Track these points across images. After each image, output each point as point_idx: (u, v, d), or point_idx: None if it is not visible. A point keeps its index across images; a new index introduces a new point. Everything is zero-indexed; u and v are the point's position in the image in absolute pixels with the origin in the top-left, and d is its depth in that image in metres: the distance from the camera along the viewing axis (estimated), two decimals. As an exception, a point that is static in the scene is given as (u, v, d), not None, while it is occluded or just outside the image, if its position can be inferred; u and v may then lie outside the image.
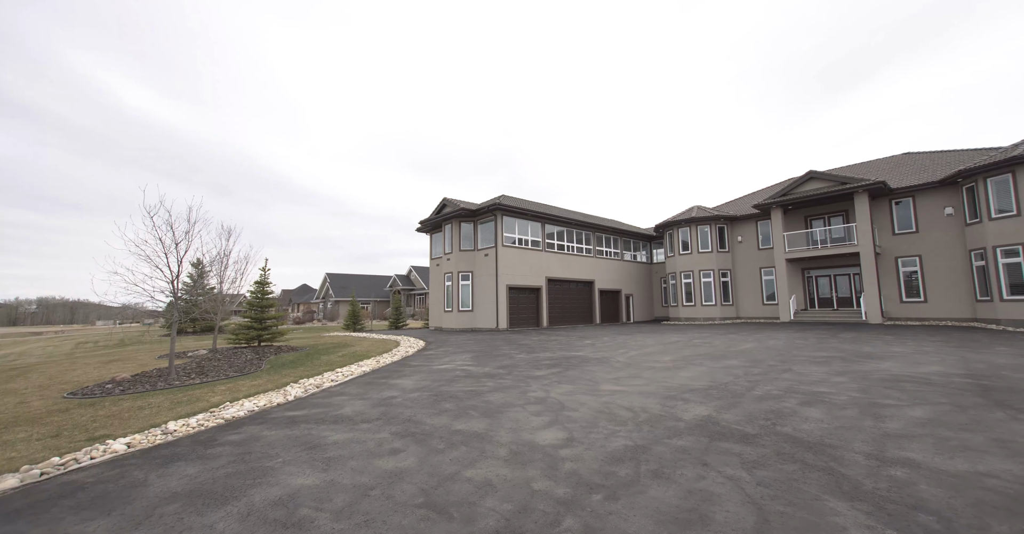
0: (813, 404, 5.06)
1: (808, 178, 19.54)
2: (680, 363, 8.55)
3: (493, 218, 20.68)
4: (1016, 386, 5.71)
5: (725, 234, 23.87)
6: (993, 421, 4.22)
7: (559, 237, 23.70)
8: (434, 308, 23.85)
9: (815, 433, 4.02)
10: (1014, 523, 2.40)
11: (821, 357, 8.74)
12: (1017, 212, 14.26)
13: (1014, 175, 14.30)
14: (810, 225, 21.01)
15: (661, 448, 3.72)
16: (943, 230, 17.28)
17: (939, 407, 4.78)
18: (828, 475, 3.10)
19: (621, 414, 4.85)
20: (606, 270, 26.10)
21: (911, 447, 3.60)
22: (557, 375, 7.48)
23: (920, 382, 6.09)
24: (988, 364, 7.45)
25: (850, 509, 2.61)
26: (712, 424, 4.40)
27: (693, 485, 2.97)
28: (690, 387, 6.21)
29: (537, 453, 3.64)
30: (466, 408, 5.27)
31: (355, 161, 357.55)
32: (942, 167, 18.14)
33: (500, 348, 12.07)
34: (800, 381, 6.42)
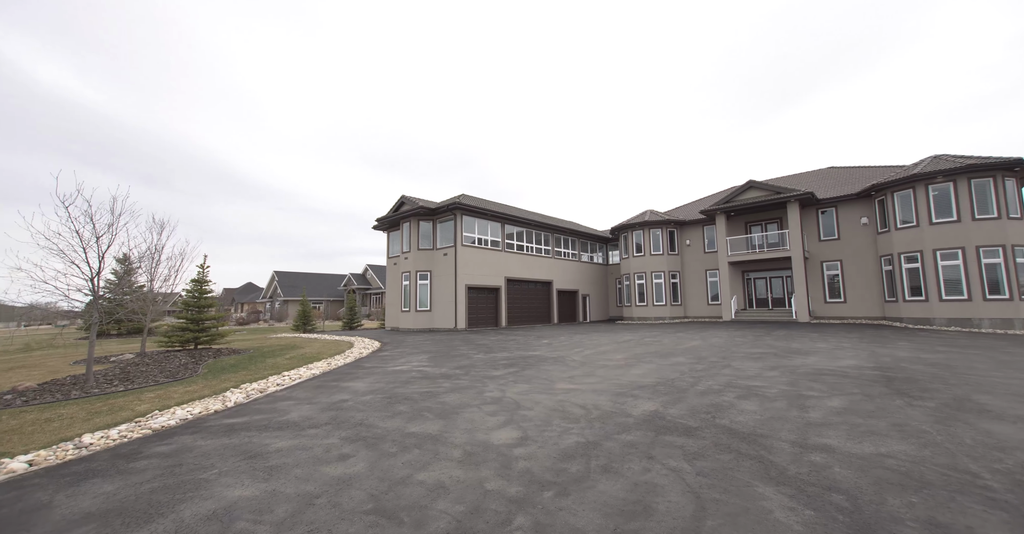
0: (748, 397, 5.46)
1: (748, 187, 21.05)
2: (631, 361, 8.91)
3: (453, 217, 20.48)
4: (912, 376, 6.49)
5: (675, 238, 25.16)
6: (894, 408, 4.78)
7: (519, 237, 23.90)
8: (391, 308, 23.24)
9: (749, 424, 4.34)
10: (904, 496, 2.73)
11: (757, 353, 9.44)
12: (916, 223, 16.19)
13: (914, 191, 16.23)
14: (750, 231, 22.64)
15: (611, 444, 3.87)
16: (860, 238, 19.26)
17: (852, 397, 5.32)
18: (759, 463, 3.36)
19: (574, 412, 4.98)
20: (564, 271, 26.65)
21: (828, 434, 3.98)
22: (514, 375, 7.55)
23: (838, 375, 6.76)
24: (892, 357, 8.41)
25: (776, 493, 2.85)
26: (659, 419, 4.62)
27: (639, 478, 3.11)
28: (640, 384, 6.49)
29: (491, 453, 3.65)
30: (421, 410, 5.18)
31: (309, 154, 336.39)
32: (860, 181, 20.21)
33: (458, 348, 11.98)
34: (738, 376, 6.90)
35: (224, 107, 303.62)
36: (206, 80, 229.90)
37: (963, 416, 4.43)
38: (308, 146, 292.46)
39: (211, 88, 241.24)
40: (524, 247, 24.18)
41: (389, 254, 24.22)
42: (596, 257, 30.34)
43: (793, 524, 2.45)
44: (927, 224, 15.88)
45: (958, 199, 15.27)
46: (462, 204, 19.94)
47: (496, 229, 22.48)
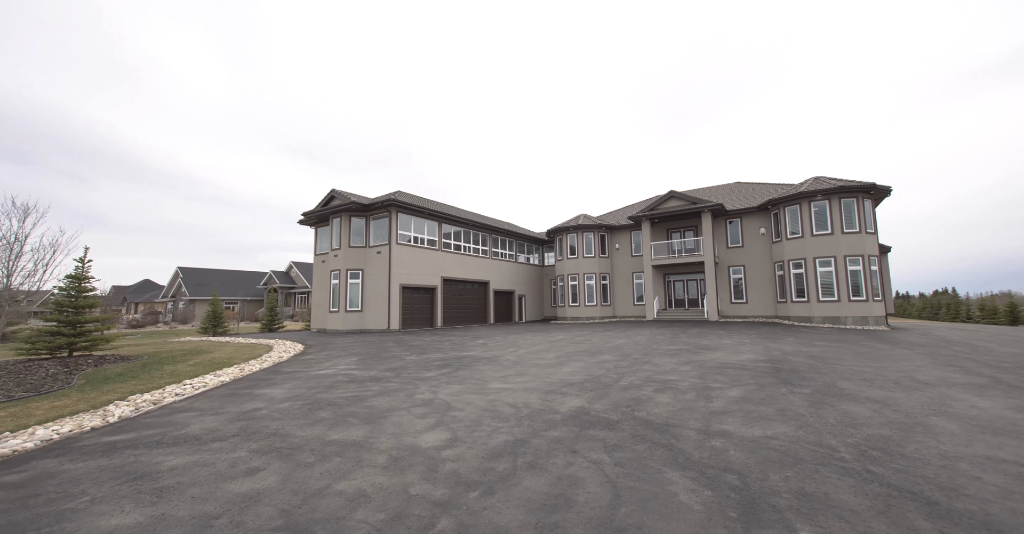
0: (664, 391, 5.94)
1: (669, 197, 22.91)
2: (563, 359, 9.24)
3: (387, 214, 19.72)
4: (795, 368, 7.51)
5: (606, 241, 26.58)
6: (779, 395, 5.50)
7: (456, 237, 23.67)
8: (318, 308, 21.76)
9: (663, 415, 4.73)
10: (782, 472, 3.16)
11: (673, 350, 10.30)
12: (802, 234, 18.79)
13: (800, 207, 18.83)
14: (671, 237, 24.66)
15: (538, 440, 3.98)
16: (759, 246, 21.86)
17: (748, 387, 6.03)
18: (669, 451, 3.67)
19: (505, 411, 5.05)
20: (501, 271, 26.90)
21: (727, 421, 4.47)
22: (447, 376, 7.46)
23: (738, 368, 7.61)
24: (781, 352, 9.66)
25: (682, 477, 3.14)
26: (584, 414, 4.86)
27: (563, 472, 3.25)
28: (569, 381, 6.77)
29: (418, 457, 3.58)
30: (345, 416, 4.92)
31: (224, 138, 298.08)
32: (760, 196, 22.95)
33: (390, 350, 11.56)
34: (656, 371, 7.48)
35: (113, 76, 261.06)
36: (91, 40, 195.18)
37: (829, 400, 5.22)
38: (221, 129, 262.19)
39: (97, 54, 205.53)
40: (462, 247, 24.00)
41: (317, 251, 22.66)
42: (532, 258, 31.04)
43: (694, 504, 2.72)
44: (809, 235, 18.49)
45: (832, 215, 17.99)
46: (398, 201, 19.28)
47: (433, 228, 22.05)
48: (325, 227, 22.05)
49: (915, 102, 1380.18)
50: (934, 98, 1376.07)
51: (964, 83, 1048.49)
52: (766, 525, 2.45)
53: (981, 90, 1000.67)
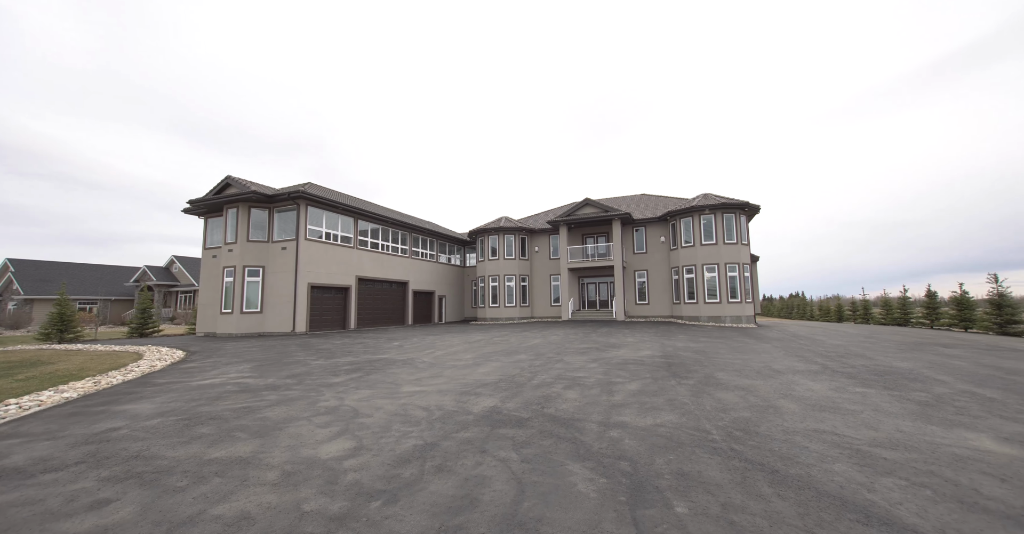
0: (572, 387, 6.30)
1: (585, 204, 24.40)
2: (480, 360, 9.30)
3: (295, 207, 18.06)
4: (684, 362, 8.49)
5: (526, 244, 27.38)
6: (669, 387, 6.16)
7: (374, 235, 22.53)
8: (207, 309, 19.10)
9: (570, 411, 5.01)
10: (666, 456, 3.55)
11: (584, 348, 10.97)
12: (693, 244, 21.34)
13: (692, 219, 21.39)
14: (585, 241, 26.26)
15: (449, 443, 3.96)
16: (660, 253, 24.29)
17: (644, 381, 6.66)
18: (572, 444, 3.90)
19: (417, 414, 4.93)
20: (421, 271, 26.22)
21: (625, 413, 4.89)
22: (357, 381, 7.06)
23: (638, 363, 8.36)
24: (673, 348, 10.84)
25: (582, 468, 3.35)
26: (496, 414, 4.94)
27: (470, 472, 3.27)
28: (484, 382, 6.83)
29: (316, 469, 3.33)
30: (232, 430, 4.39)
31: (79, 102, 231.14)
32: (661, 207, 25.54)
33: (294, 354, 10.58)
34: (567, 369, 7.89)
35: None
36: None
37: (708, 389, 5.99)
38: (78, 90, 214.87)
39: None
40: (380, 245, 22.91)
41: (207, 245, 19.91)
42: (454, 259, 30.76)
43: (590, 492, 2.92)
44: (699, 245, 21.06)
45: (716, 227, 20.72)
46: (308, 193, 17.76)
47: (348, 224, 20.72)
48: (218, 218, 19.47)
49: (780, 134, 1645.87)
50: (797, 130, 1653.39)
51: (832, 117, 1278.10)
52: (649, 505, 2.73)
53: (846, 124, 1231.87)
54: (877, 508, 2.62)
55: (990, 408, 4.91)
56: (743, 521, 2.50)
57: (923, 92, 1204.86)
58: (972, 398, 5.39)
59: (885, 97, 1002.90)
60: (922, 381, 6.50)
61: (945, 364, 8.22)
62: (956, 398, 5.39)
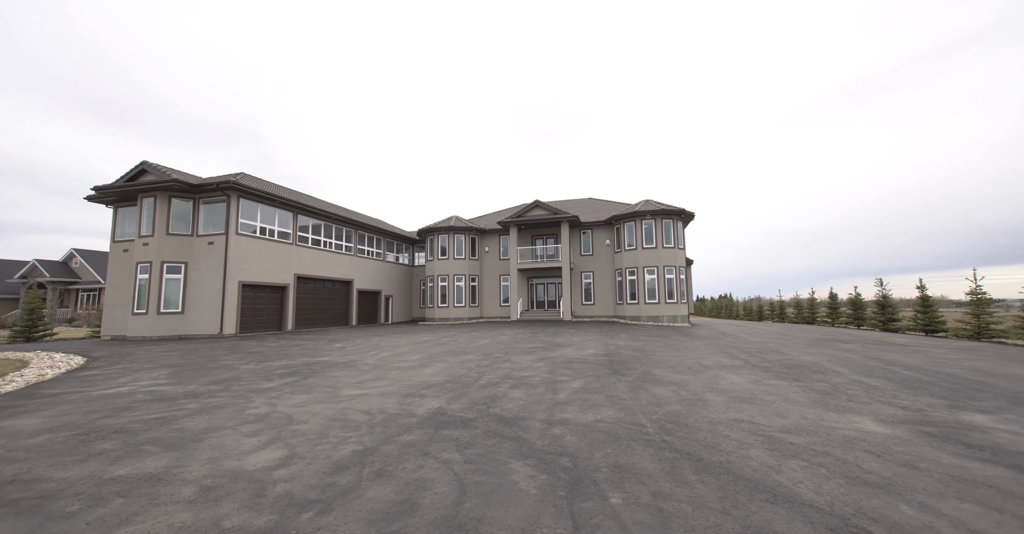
0: (519, 386, 6.38)
1: (535, 206, 24.84)
2: (426, 361, 9.13)
3: (225, 199, 16.62)
4: (624, 360, 8.92)
5: (476, 244, 27.31)
6: (610, 384, 6.45)
7: (315, 231, 21.32)
8: (115, 309, 16.98)
9: (515, 410, 5.07)
10: (604, 450, 3.72)
11: (531, 348, 11.15)
12: (635, 247, 22.51)
13: (635, 223, 22.57)
14: (535, 243, 26.72)
15: (390, 447, 3.85)
16: (605, 255, 25.34)
17: (588, 378, 6.91)
18: (516, 442, 3.96)
19: (357, 418, 4.75)
20: (367, 270, 25.22)
21: (568, 410, 5.04)
22: (292, 385, 6.64)
23: (582, 362, 8.66)
24: (616, 346, 11.36)
25: (524, 466, 3.41)
26: (441, 415, 4.88)
27: (411, 476, 3.21)
28: (430, 383, 6.72)
29: (241, 482, 3.10)
30: (141, 444, 3.95)
31: None
32: (607, 211, 26.66)
33: (220, 358, 9.72)
34: (514, 368, 7.98)
35: None
36: None
37: (645, 385, 6.35)
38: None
39: None
40: (322, 242, 21.73)
41: (116, 237, 17.73)
42: (402, 258, 29.94)
43: (531, 489, 2.99)
44: (641, 248, 22.24)
45: (656, 232, 22.01)
46: (240, 184, 16.41)
47: (286, 218, 19.44)
48: (131, 208, 17.43)
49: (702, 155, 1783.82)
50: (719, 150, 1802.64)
51: (768, 132, 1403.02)
52: (587, 498, 2.85)
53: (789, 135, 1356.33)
54: (783, 488, 2.93)
55: (873, 395, 5.68)
56: (670, 507, 2.69)
57: (843, 114, 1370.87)
58: (860, 387, 6.19)
59: (806, 119, 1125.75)
60: (823, 373, 7.36)
61: (842, 357, 9.37)
62: (848, 387, 6.17)
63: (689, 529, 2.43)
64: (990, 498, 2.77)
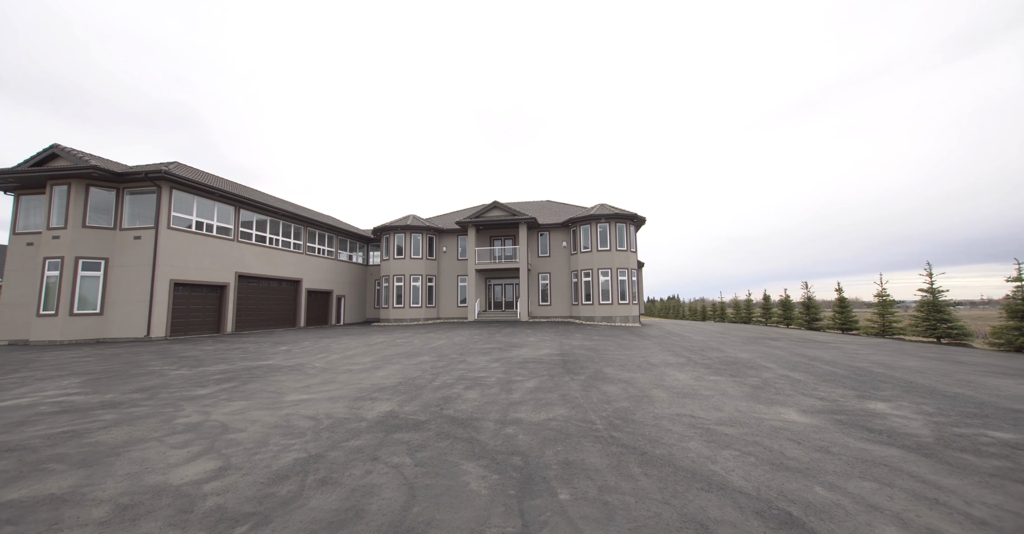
0: (473, 387, 6.36)
1: (493, 207, 24.90)
2: (379, 363, 8.86)
3: (156, 190, 15.22)
4: (578, 359, 9.16)
5: (434, 243, 26.90)
6: (563, 383, 6.60)
7: (260, 227, 20.04)
8: (15, 310, 14.99)
9: (469, 411, 5.05)
10: (555, 447, 3.80)
11: (487, 348, 11.15)
12: (591, 249, 23.20)
13: (591, 226, 23.27)
14: (493, 243, 26.76)
15: (337, 453, 3.70)
16: (562, 257, 25.88)
17: (542, 378, 7.03)
18: (468, 444, 3.94)
19: (302, 425, 4.52)
20: (317, 269, 24.05)
21: (521, 410, 5.10)
22: (230, 391, 6.19)
23: (537, 362, 8.78)
24: (570, 346, 11.63)
25: (476, 467, 3.41)
26: (392, 418, 4.76)
27: (358, 482, 3.10)
28: (382, 386, 6.53)
29: (165, 498, 2.84)
30: (42, 462, 3.51)
31: None
32: (564, 214, 27.26)
33: (147, 364, 8.87)
34: (470, 369, 7.94)
35: None
36: None
37: (596, 383, 6.56)
38: None
39: None
40: (268, 239, 20.46)
41: (18, 228, 15.67)
42: (356, 257, 28.87)
43: (482, 490, 2.99)
44: (596, 250, 22.95)
45: (610, 235, 22.81)
46: (173, 174, 15.07)
47: (227, 213, 18.12)
48: (38, 196, 15.49)
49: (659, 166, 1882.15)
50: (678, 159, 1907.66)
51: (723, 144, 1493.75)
52: (536, 495, 2.89)
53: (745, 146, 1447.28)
54: (717, 476, 3.15)
55: (797, 388, 6.24)
56: (615, 500, 2.80)
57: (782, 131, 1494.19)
58: (787, 381, 6.78)
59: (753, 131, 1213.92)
60: (756, 369, 7.97)
61: (772, 354, 10.20)
62: (776, 381, 6.73)
63: (632, 520, 2.54)
64: (884, 475, 3.14)
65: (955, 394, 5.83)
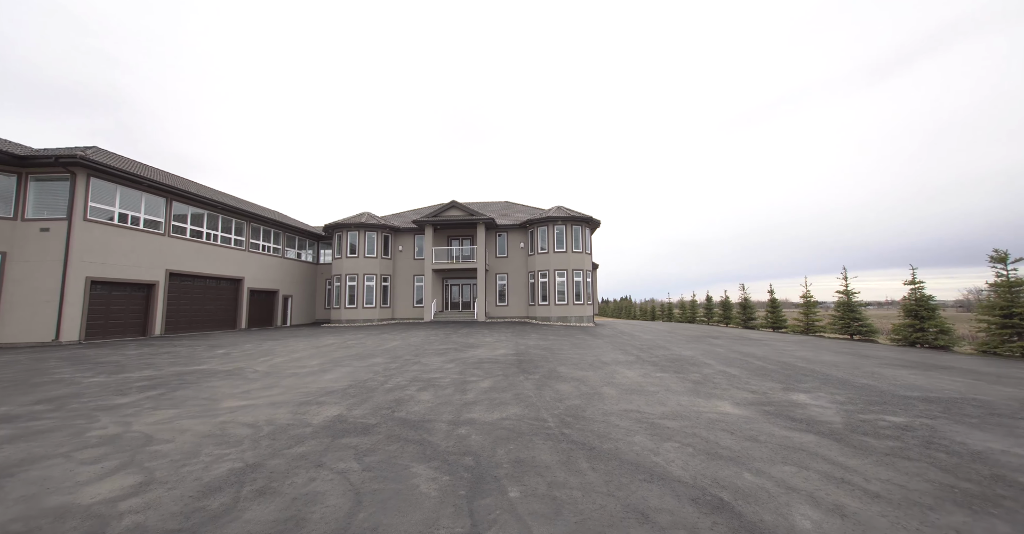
0: (427, 388, 6.26)
1: (451, 206, 24.66)
2: (328, 365, 8.49)
3: (70, 177, 13.62)
4: (533, 359, 9.29)
5: (389, 242, 26.17)
6: (518, 382, 6.67)
7: (197, 221, 18.52)
8: None
9: (421, 413, 4.97)
10: (507, 446, 3.84)
11: (443, 349, 11.02)
12: (547, 251, 23.62)
13: (548, 228, 23.70)
14: (450, 243, 26.50)
15: (277, 461, 3.51)
16: (519, 258, 26.12)
17: (497, 378, 7.05)
18: (420, 445, 3.88)
19: (239, 433, 4.23)
20: (261, 267, 22.60)
21: (475, 410, 5.09)
22: (156, 399, 5.67)
23: (492, 362, 8.80)
24: (526, 346, 11.76)
25: (427, 469, 3.36)
26: (340, 422, 4.58)
27: (300, 491, 2.96)
28: (330, 389, 6.26)
29: (71, 520, 2.56)
30: (-82, 488, 3.03)
31: None
32: (522, 215, 27.54)
33: (54, 371, 7.90)
34: (424, 370, 7.81)
35: None
36: None
37: (550, 382, 6.69)
38: None
39: None
40: (206, 234, 18.95)
41: None
42: (305, 255, 27.45)
43: (432, 492, 2.96)
44: (552, 252, 23.38)
45: (566, 237, 23.36)
46: (91, 160, 13.56)
47: (158, 205, 16.58)
48: (-84, 177, 13.35)
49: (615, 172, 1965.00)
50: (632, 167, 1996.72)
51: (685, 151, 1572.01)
52: (486, 494, 2.91)
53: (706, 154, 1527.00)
54: (658, 467, 3.32)
55: (732, 382, 6.72)
56: (563, 495, 2.87)
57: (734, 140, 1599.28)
58: (724, 376, 7.29)
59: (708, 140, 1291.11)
60: (697, 365, 8.49)
61: (712, 351, 10.91)
62: (715, 377, 7.21)
63: (579, 513, 2.63)
64: (802, 459, 3.47)
65: (863, 385, 6.55)
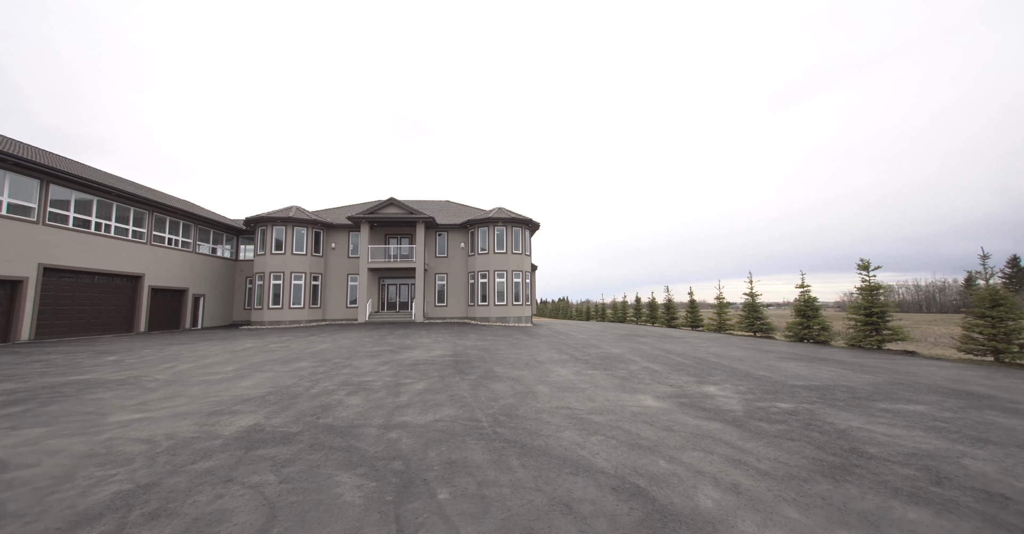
0: (357, 393, 5.99)
1: (389, 203, 23.83)
2: (245, 371, 7.78)
3: (-100, 143, 11.04)
4: (470, 359, 9.28)
5: (321, 239, 24.60)
6: (453, 383, 6.62)
7: (83, 209, 15.99)
8: None
9: (349, 418, 4.74)
10: (439, 448, 3.80)
11: (377, 351, 10.60)
12: (488, 251, 23.73)
13: (488, 229, 23.83)
14: (388, 242, 25.57)
15: (178, 478, 3.15)
16: (459, 258, 25.93)
17: (432, 380, 6.94)
18: (346, 452, 3.70)
19: (129, 450, 3.73)
20: (167, 263, 20.08)
21: (408, 413, 4.97)
22: (19, 416, 4.81)
23: (429, 363, 8.65)
24: (463, 347, 11.71)
25: (352, 476, 3.22)
26: (257, 432, 4.23)
27: (203, 511, 2.68)
28: (246, 397, 5.75)
29: None
30: None
31: None
32: (463, 215, 27.39)
33: None
34: (355, 374, 7.45)
35: None
36: None
37: (486, 382, 6.72)
38: None
39: None
40: (95, 224, 16.42)
41: None
42: (222, 250, 24.87)
43: (356, 500, 2.84)
44: (492, 253, 23.53)
45: (506, 238, 23.64)
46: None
47: (29, 187, 14.06)
48: None
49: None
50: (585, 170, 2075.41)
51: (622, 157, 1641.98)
52: (415, 498, 2.86)
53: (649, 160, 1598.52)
54: (584, 460, 3.49)
55: (654, 377, 7.26)
56: (492, 493, 2.91)
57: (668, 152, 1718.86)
58: (647, 372, 7.84)
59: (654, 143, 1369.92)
60: (624, 362, 9.04)
61: (638, 349, 11.68)
62: (639, 373, 7.74)
63: (506, 510, 2.68)
64: (708, 445, 3.85)
65: (761, 376, 7.41)
